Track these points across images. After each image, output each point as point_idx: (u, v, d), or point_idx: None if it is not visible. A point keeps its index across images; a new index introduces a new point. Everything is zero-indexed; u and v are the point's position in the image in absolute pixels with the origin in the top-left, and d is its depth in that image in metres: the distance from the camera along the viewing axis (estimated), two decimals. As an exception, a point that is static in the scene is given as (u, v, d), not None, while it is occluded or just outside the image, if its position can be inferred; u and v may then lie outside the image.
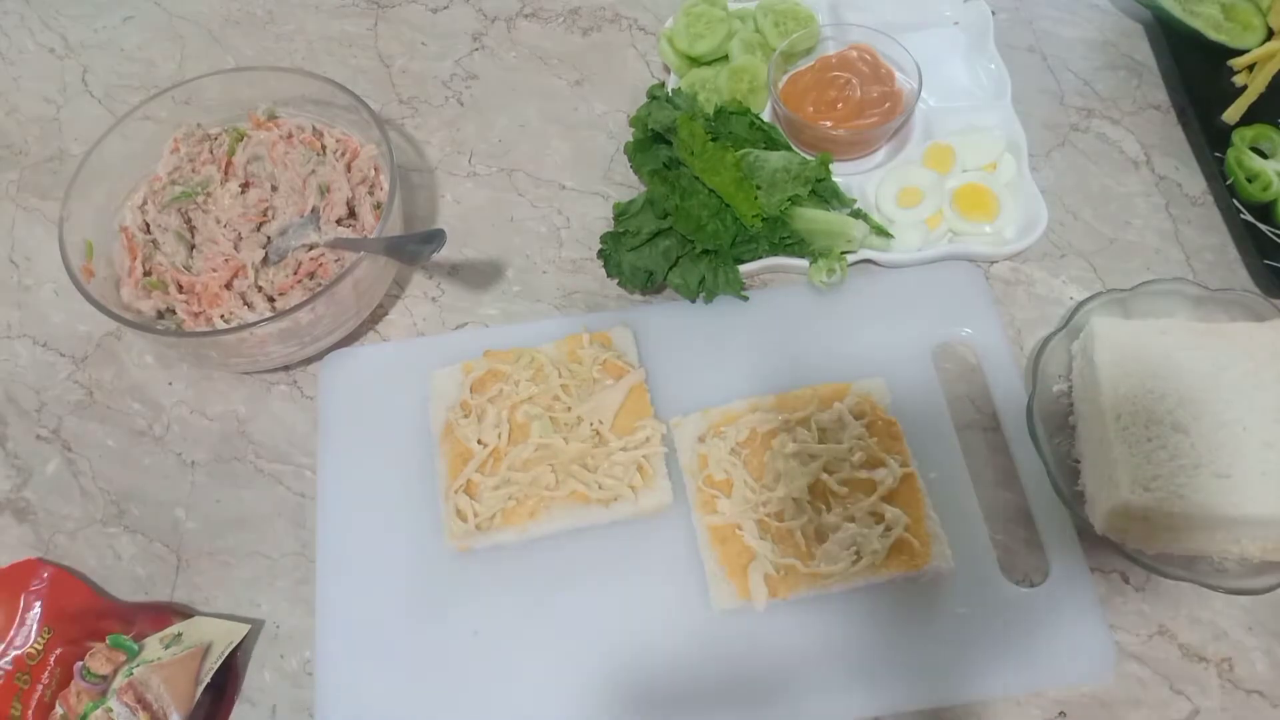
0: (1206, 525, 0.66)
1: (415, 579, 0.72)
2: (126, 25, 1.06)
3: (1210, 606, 0.70)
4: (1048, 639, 0.68)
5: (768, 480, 0.71)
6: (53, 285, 0.89)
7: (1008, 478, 0.75)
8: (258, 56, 1.03)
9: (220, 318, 0.79)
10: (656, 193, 0.82)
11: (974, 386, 0.79)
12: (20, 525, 0.78)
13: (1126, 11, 1.00)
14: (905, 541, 0.68)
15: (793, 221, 0.81)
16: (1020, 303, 0.83)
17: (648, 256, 0.81)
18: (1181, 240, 0.86)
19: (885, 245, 0.83)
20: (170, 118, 0.86)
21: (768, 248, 0.82)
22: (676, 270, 0.81)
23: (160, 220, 0.83)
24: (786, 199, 0.80)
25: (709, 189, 0.81)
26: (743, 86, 0.90)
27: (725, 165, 0.80)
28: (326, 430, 0.79)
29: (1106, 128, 0.93)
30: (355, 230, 0.84)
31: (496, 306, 0.86)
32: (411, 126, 0.97)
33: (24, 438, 0.82)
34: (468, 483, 0.72)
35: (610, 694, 0.68)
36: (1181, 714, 0.67)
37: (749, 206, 0.80)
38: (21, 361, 0.86)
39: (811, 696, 0.67)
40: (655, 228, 0.81)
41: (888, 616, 0.69)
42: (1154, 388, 0.69)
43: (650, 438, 0.73)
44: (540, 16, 1.04)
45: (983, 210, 0.84)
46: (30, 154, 0.98)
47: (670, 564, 0.72)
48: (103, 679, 0.68)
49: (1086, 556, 0.71)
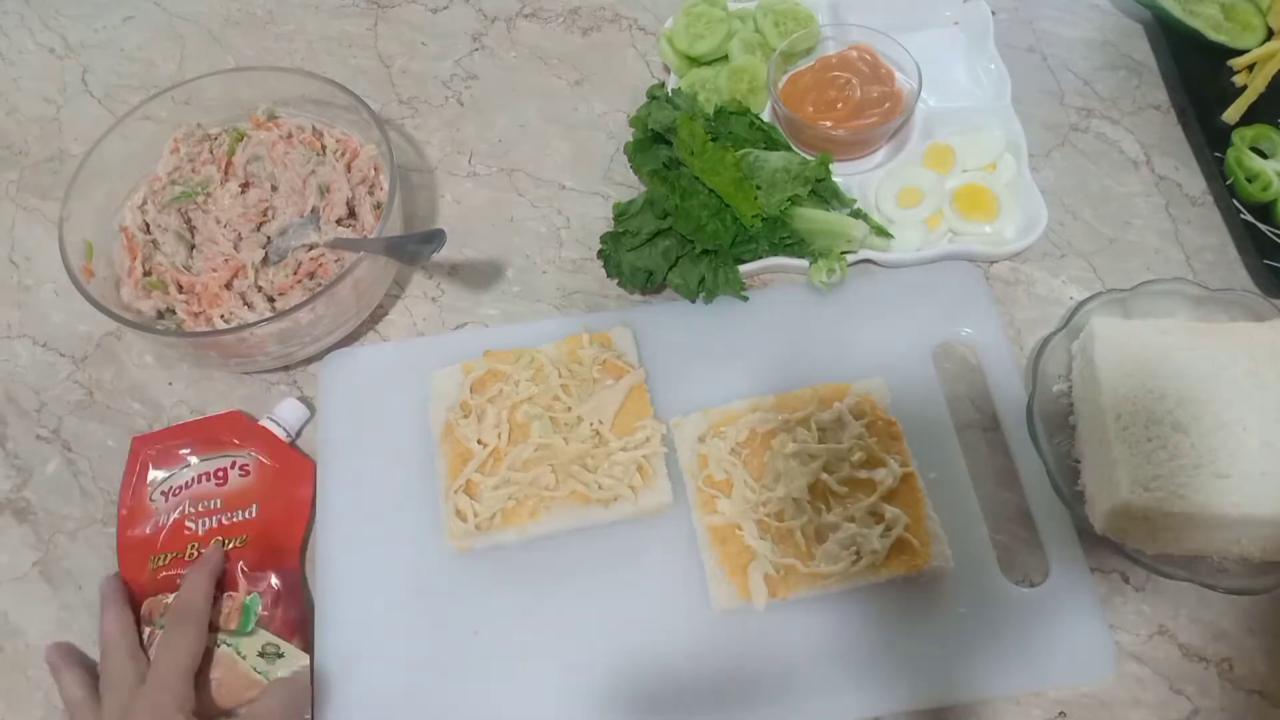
0: (1206, 525, 0.66)
1: (415, 579, 0.72)
2: (126, 25, 1.06)
3: (1210, 606, 0.70)
4: (1048, 639, 0.68)
5: (768, 480, 0.71)
6: (53, 285, 0.89)
7: (1008, 478, 0.75)
8: (258, 56, 1.03)
9: (220, 318, 0.79)
10: (656, 193, 0.82)
11: (974, 386, 0.79)
12: (20, 525, 0.78)
13: (1126, 11, 1.00)
14: (905, 541, 0.68)
15: (793, 221, 0.81)
16: (1020, 303, 0.83)
17: (648, 256, 0.81)
18: (1181, 240, 0.86)
19: (885, 245, 0.83)
20: (170, 118, 0.86)
21: (768, 248, 0.82)
22: (676, 270, 0.81)
23: (160, 220, 0.83)
24: (786, 199, 0.80)
25: (709, 189, 0.81)
26: (743, 86, 0.90)
27: (725, 165, 0.80)
28: (326, 430, 0.79)
29: (1106, 128, 0.93)
30: (355, 230, 0.84)
31: (496, 306, 0.86)
32: (411, 126, 0.97)
33: (24, 438, 0.82)
34: (468, 483, 0.72)
35: (610, 694, 0.68)
36: (1181, 714, 0.67)
37: (749, 206, 0.80)
38: (21, 361, 0.86)
39: (811, 696, 0.67)
40: (655, 228, 0.81)
41: (888, 616, 0.69)
42: (1154, 388, 0.69)
43: (650, 438, 0.73)
44: (540, 16, 1.04)
45: (982, 210, 0.84)
46: (30, 154, 0.98)
47: (670, 564, 0.72)
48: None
49: (1086, 556, 0.71)
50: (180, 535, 0.73)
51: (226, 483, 0.75)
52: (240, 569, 0.71)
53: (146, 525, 0.74)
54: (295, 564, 0.74)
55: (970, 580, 0.70)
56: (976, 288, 0.82)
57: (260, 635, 0.69)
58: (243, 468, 0.76)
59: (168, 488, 0.76)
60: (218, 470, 0.76)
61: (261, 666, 0.68)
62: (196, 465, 0.76)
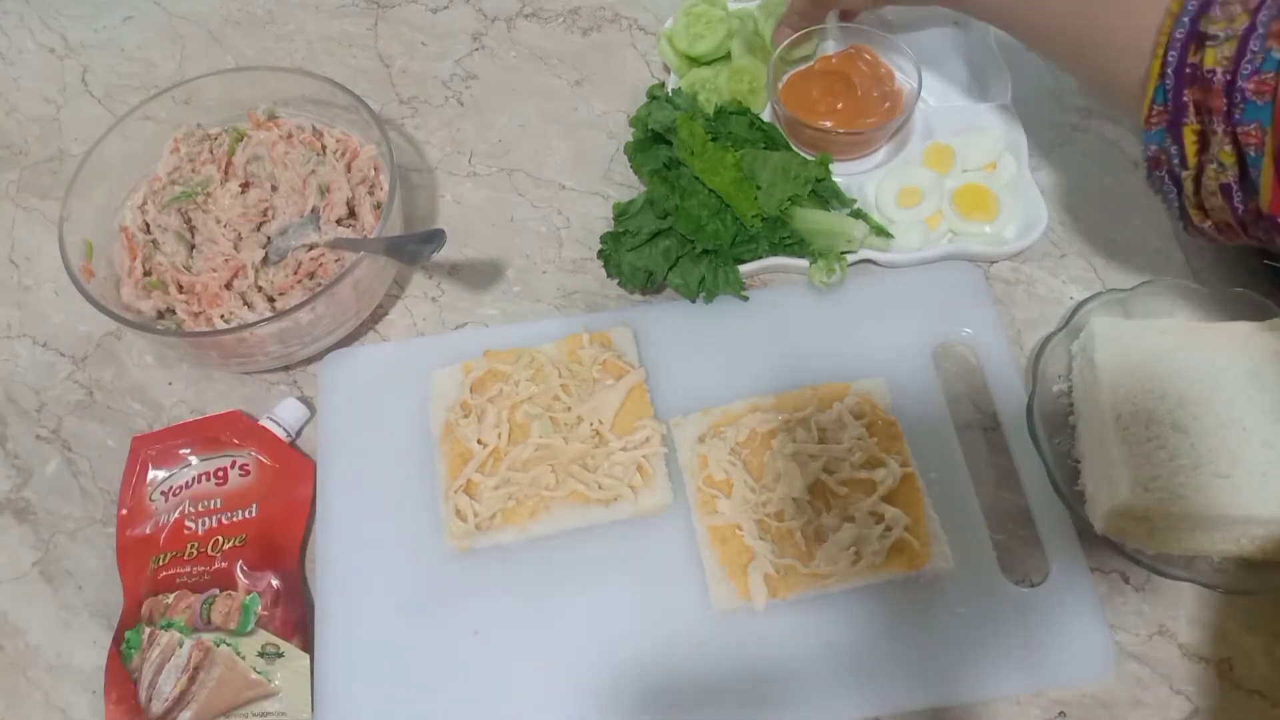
0: (1206, 525, 0.66)
1: (415, 579, 0.72)
2: (126, 25, 1.06)
3: (1210, 606, 0.70)
4: (1048, 639, 0.68)
5: (767, 480, 0.71)
6: (53, 285, 0.89)
7: (1008, 478, 0.75)
8: (258, 56, 1.03)
9: (220, 318, 0.79)
10: (656, 193, 0.82)
11: (974, 386, 0.79)
12: (20, 525, 0.78)
13: (1126, 11, 1.00)
14: (905, 541, 0.68)
15: (792, 221, 0.81)
16: (1020, 303, 0.83)
17: (648, 256, 0.81)
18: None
19: (885, 245, 0.83)
20: (170, 118, 0.86)
21: (768, 248, 0.82)
22: (676, 270, 0.81)
23: (160, 220, 0.83)
24: (786, 199, 0.80)
25: (709, 189, 0.81)
26: (743, 87, 0.90)
27: (725, 165, 0.80)
28: (326, 430, 0.79)
29: (1106, 128, 0.92)
30: (355, 230, 0.84)
31: (496, 306, 0.86)
32: (411, 126, 0.97)
33: (24, 438, 0.82)
34: (468, 483, 0.72)
35: (610, 694, 0.68)
36: (1181, 714, 0.67)
37: (749, 206, 0.80)
38: (21, 361, 0.86)
39: (811, 696, 0.67)
40: (655, 228, 0.81)
41: (888, 616, 0.69)
42: (1154, 388, 0.69)
43: (650, 438, 0.73)
44: (540, 16, 1.04)
45: (983, 210, 0.84)
46: (30, 154, 0.98)
47: (670, 564, 0.72)
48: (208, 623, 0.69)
49: (1086, 556, 0.71)
50: (180, 535, 0.73)
51: (226, 482, 0.75)
52: (240, 569, 0.71)
53: (146, 525, 0.74)
54: (295, 564, 0.74)
55: (970, 580, 0.70)
56: (976, 288, 0.82)
57: (260, 635, 0.69)
58: (243, 467, 0.76)
59: (168, 488, 0.76)
60: (218, 470, 0.76)
61: (261, 666, 0.68)
62: (196, 465, 0.76)
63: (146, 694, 0.68)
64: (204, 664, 0.67)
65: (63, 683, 0.72)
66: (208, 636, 0.68)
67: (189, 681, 0.67)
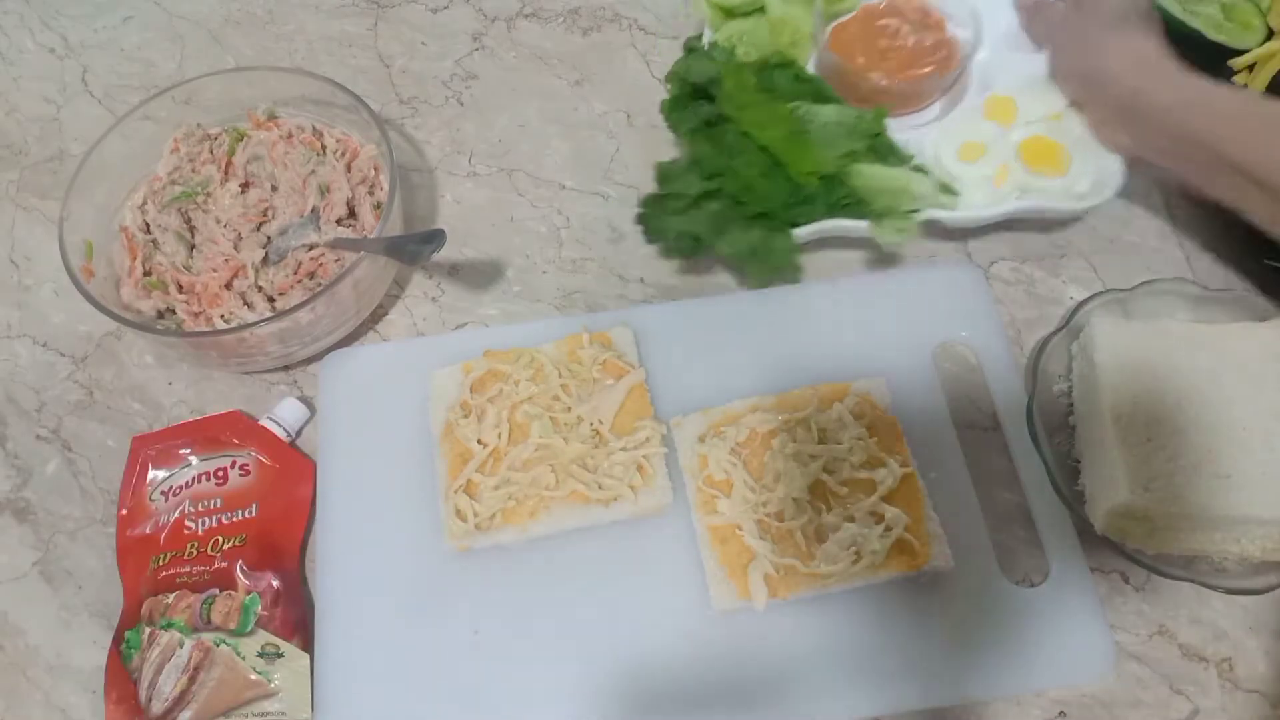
0: (1206, 525, 0.66)
1: (415, 579, 0.72)
2: (126, 25, 1.06)
3: (1210, 606, 0.70)
4: (1048, 639, 0.68)
5: (768, 480, 0.71)
6: (53, 285, 0.89)
7: (1008, 478, 0.75)
8: (258, 56, 1.03)
9: (220, 318, 0.79)
10: (701, 152, 0.75)
11: (974, 386, 0.79)
12: (20, 525, 0.78)
13: (1126, 11, 1.00)
14: (905, 541, 0.68)
15: (851, 179, 0.75)
16: (1020, 303, 0.83)
17: (695, 220, 0.74)
18: (1181, 240, 0.86)
19: (952, 203, 0.78)
20: (170, 118, 0.86)
21: (824, 209, 0.76)
22: (726, 239, 0.74)
23: (160, 220, 0.83)
24: (845, 155, 0.74)
25: (759, 146, 0.74)
26: (784, 39, 0.84)
27: (778, 119, 0.74)
28: (326, 430, 0.79)
29: (1106, 128, 0.92)
30: (355, 230, 0.84)
31: (496, 306, 0.86)
32: (411, 126, 0.97)
33: (24, 438, 0.82)
34: (468, 483, 0.72)
35: (610, 694, 0.68)
36: (1181, 714, 0.67)
37: (805, 163, 0.73)
38: (21, 361, 0.86)
39: (811, 696, 0.67)
40: (701, 189, 0.75)
41: (888, 616, 0.69)
42: (1154, 388, 0.69)
43: (650, 438, 0.73)
44: (540, 16, 1.04)
45: (1052, 164, 0.78)
46: (30, 154, 0.98)
47: (670, 564, 0.72)
48: (208, 623, 0.69)
49: (1086, 556, 0.71)
50: (180, 535, 0.73)
51: (226, 482, 0.75)
52: (240, 569, 0.71)
53: (147, 525, 0.74)
54: (295, 564, 0.74)
55: (970, 580, 0.70)
56: (976, 288, 0.82)
57: (260, 635, 0.69)
58: (243, 467, 0.76)
59: (168, 487, 0.76)
60: (218, 470, 0.76)
61: (261, 666, 0.68)
62: (196, 465, 0.76)
63: (146, 694, 0.68)
64: (204, 664, 0.67)
65: (63, 683, 0.72)
66: (208, 636, 0.68)
67: (189, 681, 0.67)
